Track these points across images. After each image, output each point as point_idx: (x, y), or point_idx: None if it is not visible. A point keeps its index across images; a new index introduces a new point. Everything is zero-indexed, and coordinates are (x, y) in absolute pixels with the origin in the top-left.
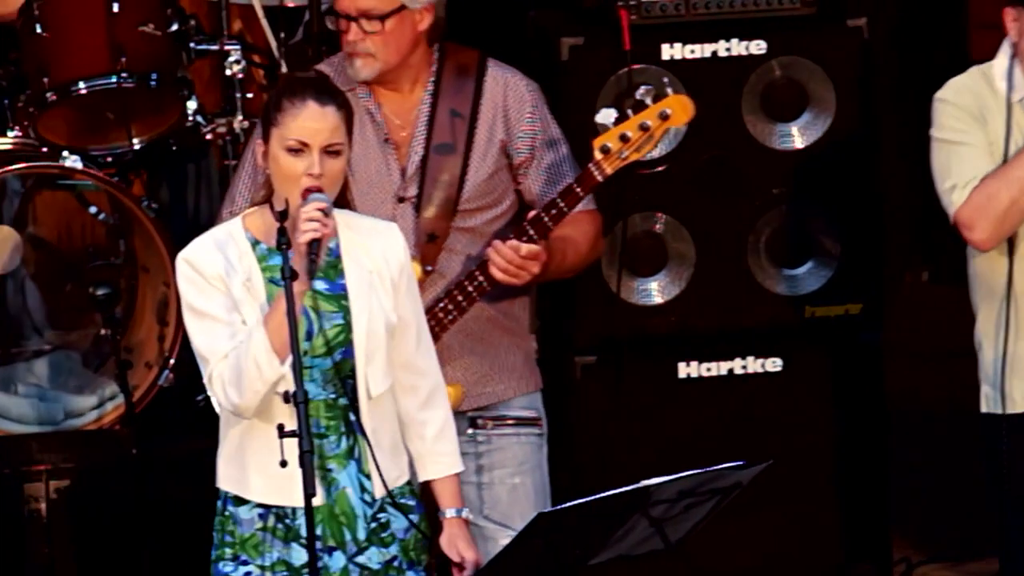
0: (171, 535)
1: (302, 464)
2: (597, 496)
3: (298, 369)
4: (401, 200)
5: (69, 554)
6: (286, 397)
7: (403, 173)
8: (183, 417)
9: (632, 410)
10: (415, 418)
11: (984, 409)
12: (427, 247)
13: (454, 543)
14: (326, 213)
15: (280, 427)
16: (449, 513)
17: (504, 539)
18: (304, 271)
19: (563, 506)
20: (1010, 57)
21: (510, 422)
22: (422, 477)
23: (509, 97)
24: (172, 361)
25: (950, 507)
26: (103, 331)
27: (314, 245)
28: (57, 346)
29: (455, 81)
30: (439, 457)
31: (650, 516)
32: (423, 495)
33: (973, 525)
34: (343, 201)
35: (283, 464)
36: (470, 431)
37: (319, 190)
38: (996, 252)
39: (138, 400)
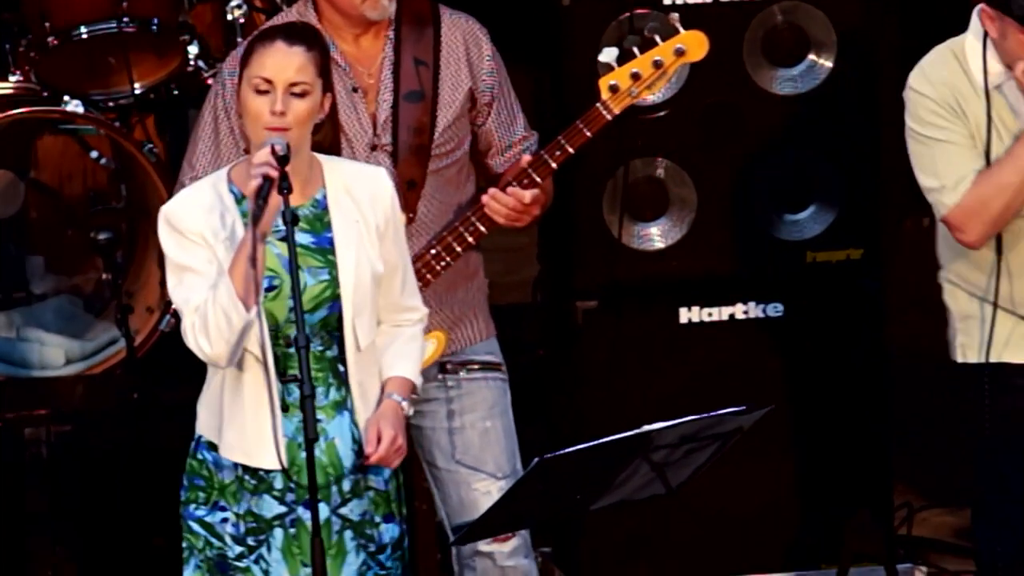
0: (171, 480)
1: (303, 407)
2: (598, 441)
3: (299, 312)
4: (374, 148)
5: (70, 498)
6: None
7: (374, 121)
8: (184, 362)
9: (633, 355)
10: (390, 334)
11: None
12: (408, 194)
13: (377, 420)
14: (279, 154)
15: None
16: (392, 397)
17: (477, 483)
18: (251, 217)
19: (564, 451)
20: (982, 39)
21: (477, 367)
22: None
23: (469, 43)
24: (173, 306)
25: (951, 453)
26: (104, 276)
27: (262, 190)
28: (59, 291)
29: (414, 29)
30: (402, 361)
31: (651, 461)
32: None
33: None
34: (331, 147)
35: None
36: (440, 376)
37: (284, 129)
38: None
39: (139, 345)
